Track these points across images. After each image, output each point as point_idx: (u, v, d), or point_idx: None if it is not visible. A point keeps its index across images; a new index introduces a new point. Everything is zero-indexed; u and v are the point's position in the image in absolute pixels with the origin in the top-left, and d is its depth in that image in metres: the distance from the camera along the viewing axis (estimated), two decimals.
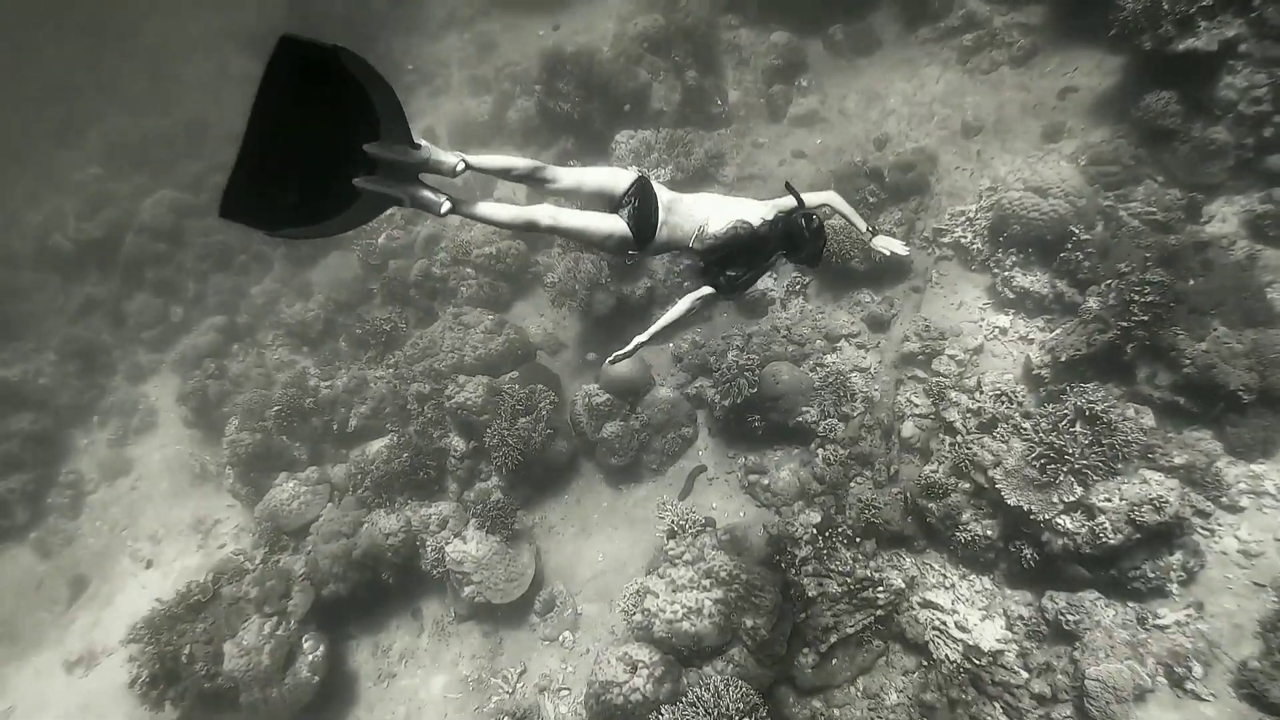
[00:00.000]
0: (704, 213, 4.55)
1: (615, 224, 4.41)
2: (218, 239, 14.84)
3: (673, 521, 8.07)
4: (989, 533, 7.28)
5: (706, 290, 4.63)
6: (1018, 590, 7.35)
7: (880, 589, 7.48)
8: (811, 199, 4.91)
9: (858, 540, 7.78)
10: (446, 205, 3.82)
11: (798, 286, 9.89)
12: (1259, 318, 7.52)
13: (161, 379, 14.23)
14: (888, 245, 5.09)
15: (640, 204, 4.43)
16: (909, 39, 12.31)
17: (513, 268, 11.56)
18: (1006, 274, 8.87)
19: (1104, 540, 6.64)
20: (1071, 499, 6.79)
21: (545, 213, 4.20)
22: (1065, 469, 6.84)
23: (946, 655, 7.09)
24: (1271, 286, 7.95)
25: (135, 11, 21.35)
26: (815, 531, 7.86)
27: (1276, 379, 7.11)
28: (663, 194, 4.50)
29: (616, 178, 4.51)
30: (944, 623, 7.20)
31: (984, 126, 10.66)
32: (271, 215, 3.65)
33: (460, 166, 3.83)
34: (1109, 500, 6.70)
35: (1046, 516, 6.81)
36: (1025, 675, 6.81)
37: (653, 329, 4.63)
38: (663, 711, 6.96)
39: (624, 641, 7.87)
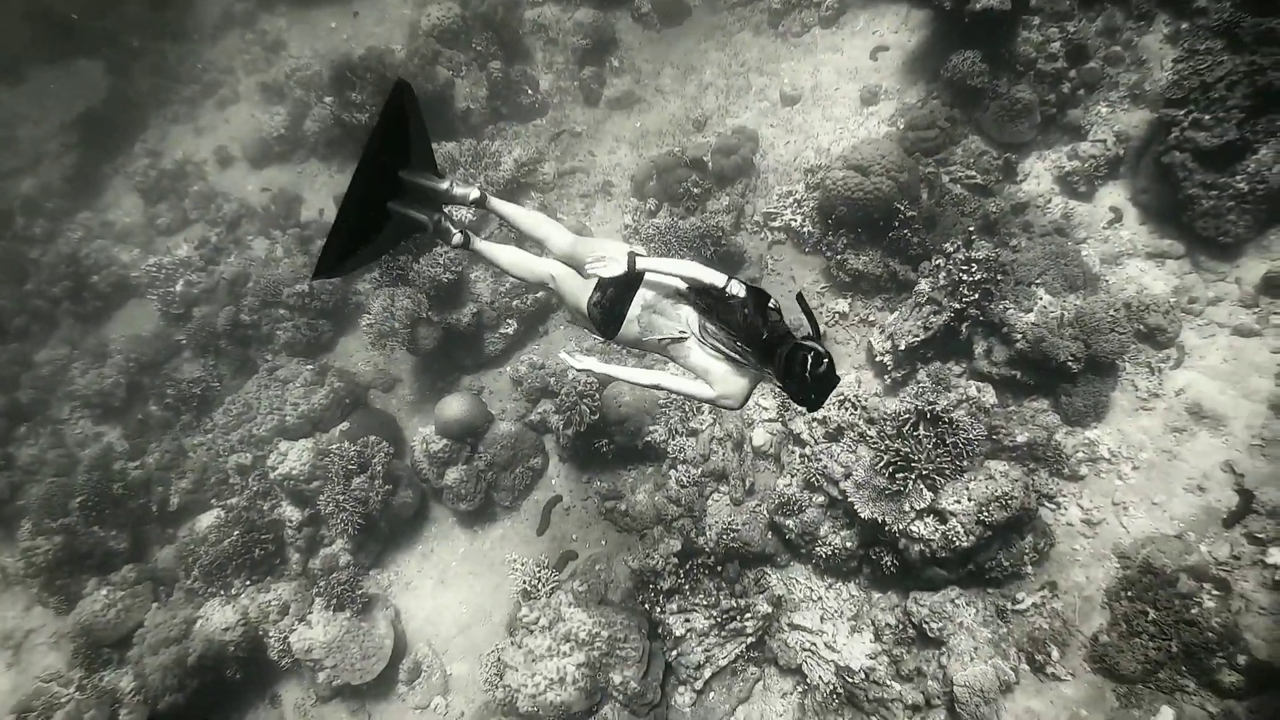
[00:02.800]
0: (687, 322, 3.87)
1: (582, 299, 4.09)
2: None
3: (525, 582, 7.56)
4: (849, 544, 7.10)
5: (704, 391, 3.83)
6: (884, 594, 7.24)
7: (748, 616, 7.22)
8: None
9: (719, 568, 7.47)
10: (459, 238, 4.14)
11: None
12: (1078, 283, 7.50)
13: None
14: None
15: (611, 297, 3.96)
16: (718, 4, 11.77)
17: (330, 303, 10.57)
18: (840, 257, 8.60)
19: (957, 544, 6.53)
20: (922, 505, 6.63)
21: (545, 269, 4.24)
22: (913, 475, 6.66)
23: (820, 677, 6.91)
24: (1085, 245, 7.99)
25: None
26: (676, 562, 7.52)
27: (1099, 345, 7.11)
28: (651, 291, 3.92)
29: (593, 260, 3.94)
30: (814, 644, 7.01)
31: (802, 95, 10.31)
32: (340, 258, 4.15)
33: (474, 196, 4.11)
34: (958, 503, 6.58)
35: (900, 526, 6.64)
36: (898, 688, 6.71)
37: (625, 375, 3.94)
38: None
39: (490, 716, 7.40)
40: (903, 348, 7.76)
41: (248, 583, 8.92)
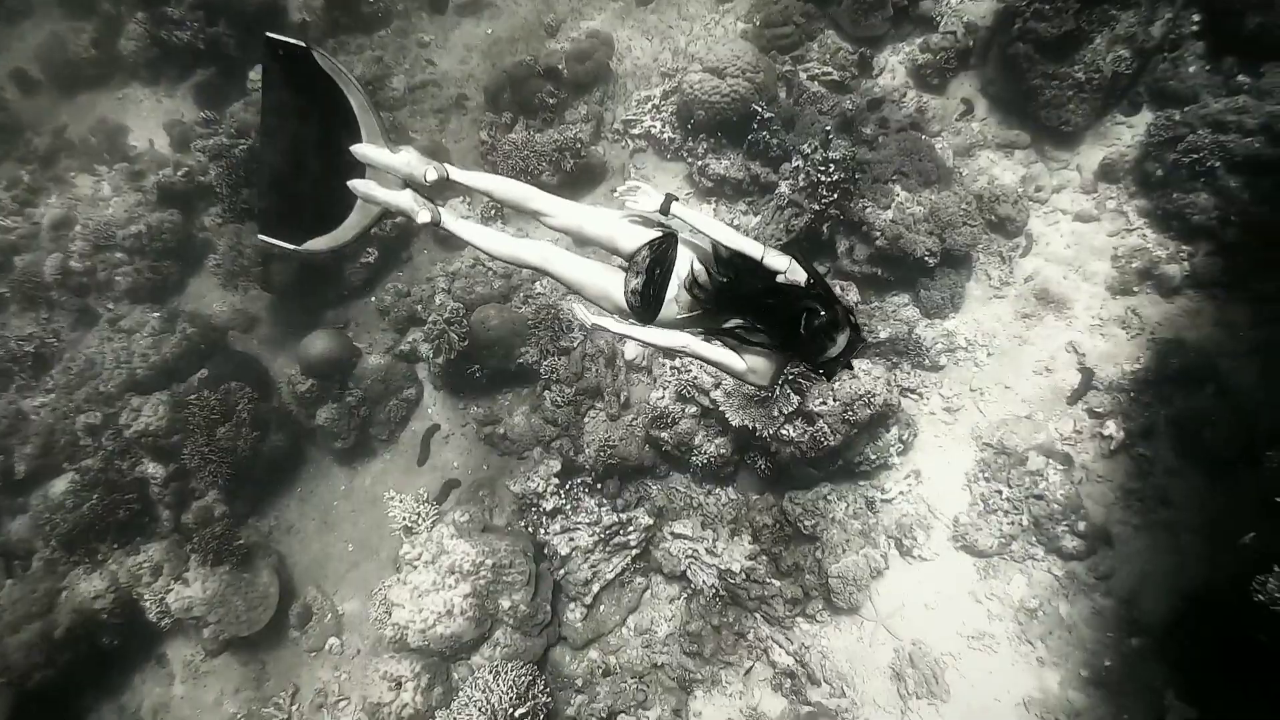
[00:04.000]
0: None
1: (611, 288, 3.59)
2: None
3: (404, 518, 7.46)
4: (723, 451, 7.23)
5: (735, 361, 3.44)
6: (761, 495, 7.45)
7: (631, 529, 7.36)
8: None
9: (600, 485, 7.55)
10: (426, 215, 3.73)
11: (493, 211, 9.03)
12: (932, 177, 7.62)
13: None
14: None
15: (655, 277, 3.48)
16: None
17: (173, 242, 9.81)
18: (701, 162, 8.47)
19: (825, 444, 6.74)
20: (790, 409, 6.78)
21: (537, 253, 3.73)
22: (780, 381, 6.77)
23: (704, 581, 7.14)
24: (939, 138, 8.10)
25: None
26: (557, 482, 7.55)
27: (953, 239, 7.31)
28: (687, 259, 3.49)
29: (626, 235, 3.59)
30: (696, 550, 7.21)
31: None
32: (295, 230, 3.92)
33: (432, 176, 3.68)
34: (824, 404, 6.75)
35: (771, 431, 6.79)
36: (777, 585, 7.00)
37: (645, 335, 3.56)
38: (438, 718, 6.68)
39: (383, 652, 7.39)
40: None
41: (115, 546, 8.50)
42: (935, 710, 6.54)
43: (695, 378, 7.14)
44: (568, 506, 7.44)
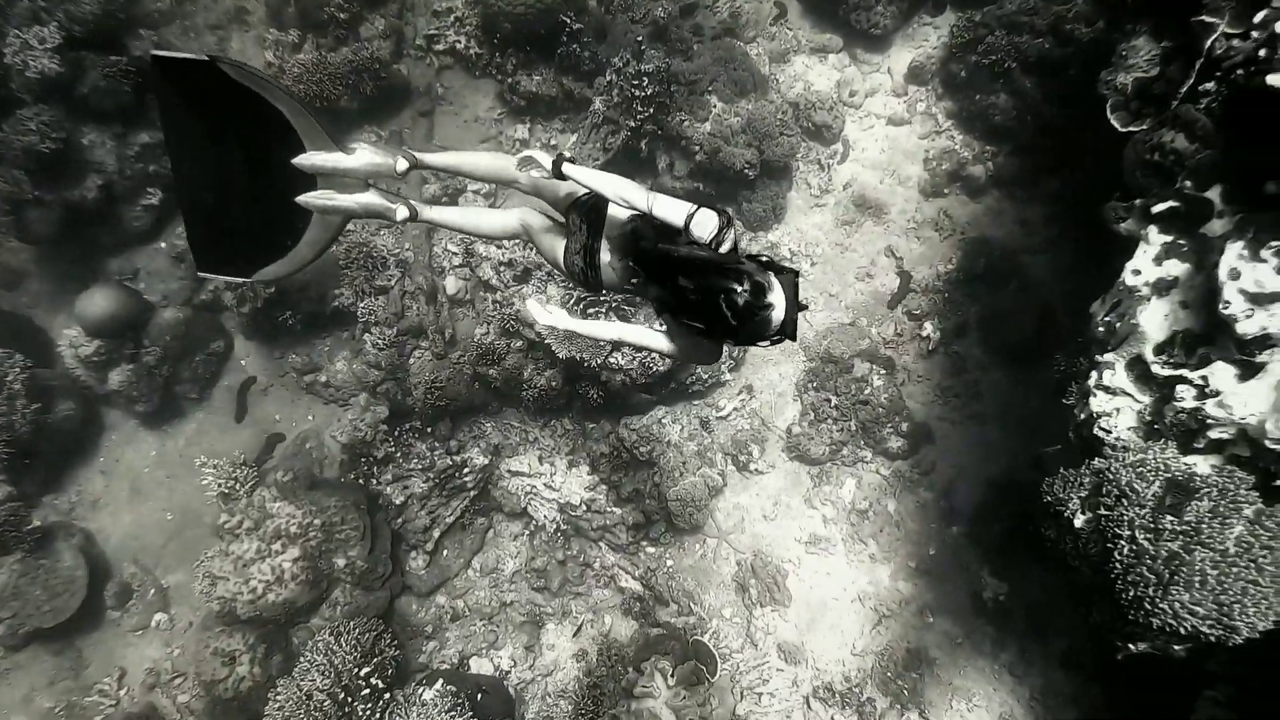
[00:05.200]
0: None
1: (560, 253, 3.32)
2: None
3: (219, 484, 6.92)
4: (554, 383, 7.03)
5: (666, 344, 3.12)
6: (597, 424, 7.35)
7: (466, 471, 7.13)
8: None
9: (429, 429, 7.24)
10: (403, 212, 3.43)
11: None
12: (748, 86, 7.47)
13: None
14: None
15: (586, 240, 3.19)
16: None
17: None
18: (512, 79, 7.95)
19: (655, 368, 6.66)
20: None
21: (517, 221, 3.48)
22: (604, 308, 6.60)
23: (545, 516, 7.04)
24: (754, 44, 7.93)
25: None
26: (386, 429, 7.19)
27: (770, 150, 7.24)
28: (617, 221, 3.13)
29: (566, 197, 3.30)
30: (534, 486, 7.08)
31: None
32: (240, 261, 3.61)
33: (403, 166, 3.33)
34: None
35: (598, 360, 6.63)
36: (619, 512, 6.99)
37: (586, 329, 3.23)
38: (279, 687, 6.35)
39: (213, 625, 6.94)
40: None
41: None
42: (779, 615, 6.80)
43: (517, 310, 6.86)
44: (399, 453, 7.13)
